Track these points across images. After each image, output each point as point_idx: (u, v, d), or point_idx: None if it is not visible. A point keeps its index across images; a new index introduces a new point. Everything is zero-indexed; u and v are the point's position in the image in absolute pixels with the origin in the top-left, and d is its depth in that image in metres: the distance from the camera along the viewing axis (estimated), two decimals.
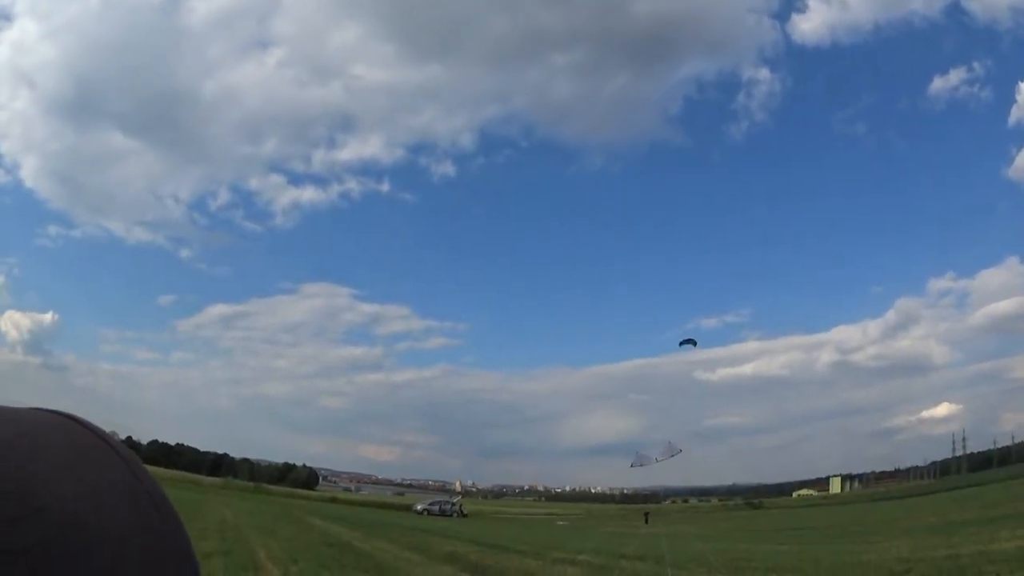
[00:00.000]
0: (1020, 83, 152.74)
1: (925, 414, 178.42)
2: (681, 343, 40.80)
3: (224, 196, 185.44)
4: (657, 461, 32.10)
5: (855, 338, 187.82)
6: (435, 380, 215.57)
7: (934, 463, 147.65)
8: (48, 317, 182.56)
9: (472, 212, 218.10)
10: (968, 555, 22.40)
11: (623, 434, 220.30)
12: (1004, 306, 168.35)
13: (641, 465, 33.03)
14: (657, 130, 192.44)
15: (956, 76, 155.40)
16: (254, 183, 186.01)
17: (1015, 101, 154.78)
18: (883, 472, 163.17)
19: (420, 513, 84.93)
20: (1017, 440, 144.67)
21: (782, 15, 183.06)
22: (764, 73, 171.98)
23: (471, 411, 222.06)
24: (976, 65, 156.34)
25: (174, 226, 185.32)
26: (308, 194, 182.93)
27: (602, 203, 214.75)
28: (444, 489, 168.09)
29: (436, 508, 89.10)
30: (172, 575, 0.80)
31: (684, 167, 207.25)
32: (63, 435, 0.83)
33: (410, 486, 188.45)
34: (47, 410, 0.88)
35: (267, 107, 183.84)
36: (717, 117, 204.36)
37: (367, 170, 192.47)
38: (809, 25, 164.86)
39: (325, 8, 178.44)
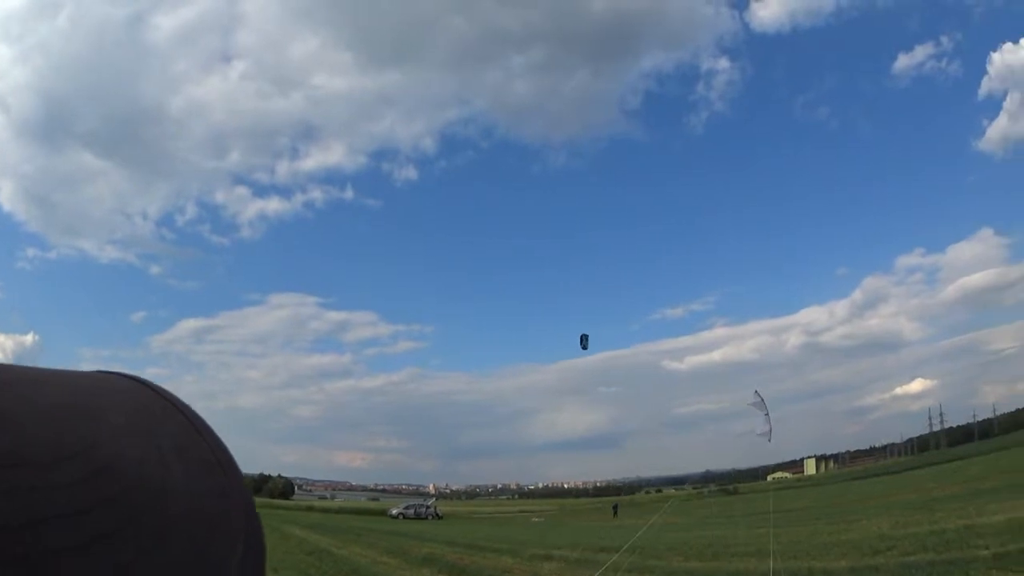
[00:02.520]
0: (992, 54, 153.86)
1: (899, 391, 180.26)
2: (583, 344, 41.17)
3: (191, 211, 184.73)
4: (765, 415, 31.26)
5: (822, 319, 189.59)
6: (404, 384, 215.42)
7: (911, 440, 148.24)
8: (29, 338, 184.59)
9: (435, 215, 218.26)
10: (954, 530, 22.36)
11: (593, 427, 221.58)
12: (978, 279, 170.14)
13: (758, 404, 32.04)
14: (617, 125, 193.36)
15: (923, 52, 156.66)
16: (220, 196, 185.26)
17: (986, 72, 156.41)
18: (858, 451, 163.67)
19: (396, 517, 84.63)
20: (999, 412, 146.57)
21: (740, 4, 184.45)
22: (723, 63, 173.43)
23: (441, 413, 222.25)
24: (944, 40, 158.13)
25: (144, 243, 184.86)
26: (273, 205, 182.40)
27: (565, 200, 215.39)
28: (418, 492, 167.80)
29: (411, 511, 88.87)
30: (236, 534, 0.81)
31: (645, 160, 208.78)
32: (128, 397, 0.84)
33: (384, 491, 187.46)
34: (112, 372, 0.89)
35: (231, 120, 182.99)
36: (677, 109, 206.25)
37: (330, 178, 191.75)
38: (768, 12, 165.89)
39: (285, 20, 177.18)
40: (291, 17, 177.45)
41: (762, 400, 30.92)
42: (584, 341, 45.53)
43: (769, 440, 30.85)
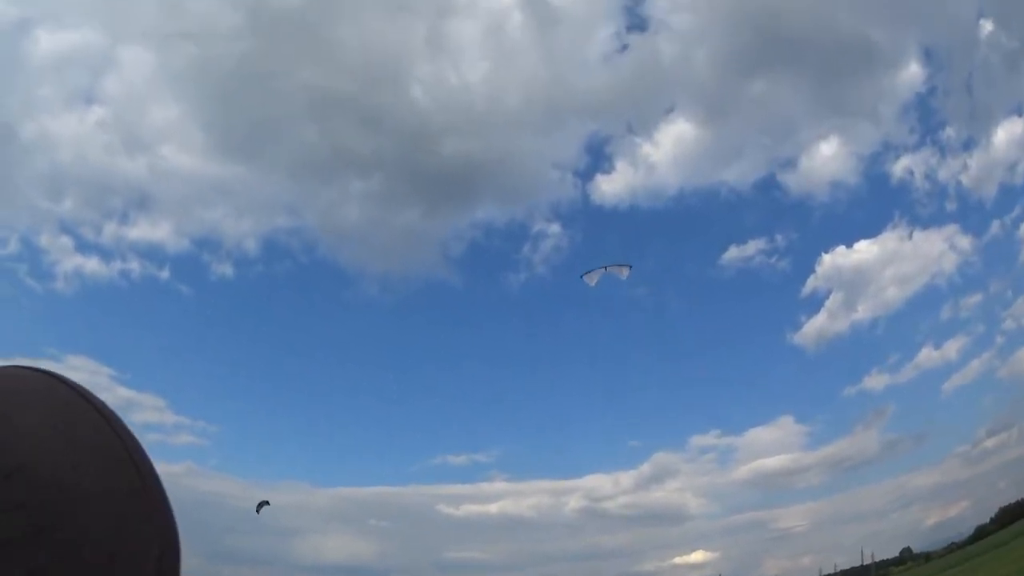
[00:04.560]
0: (823, 254, 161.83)
1: (679, 560, 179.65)
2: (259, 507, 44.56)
3: (14, 246, 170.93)
4: (606, 269, 33.32)
5: (606, 487, 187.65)
6: (180, 477, 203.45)
7: None
8: None
9: (243, 317, 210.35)
10: None
11: (358, 557, 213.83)
12: (772, 462, 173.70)
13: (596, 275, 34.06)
14: (436, 269, 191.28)
15: (754, 246, 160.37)
16: (44, 240, 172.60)
17: (814, 271, 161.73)
18: None
19: None
20: None
21: (586, 174, 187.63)
22: (555, 228, 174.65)
23: (211, 513, 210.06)
24: (779, 237, 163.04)
25: None
26: (92, 264, 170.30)
27: (370, 331, 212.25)
28: None
29: None
30: (152, 536, 0.79)
31: (455, 308, 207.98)
32: (40, 393, 0.82)
33: None
34: (26, 367, 0.88)
35: (75, 165, 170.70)
36: (498, 264, 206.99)
37: (152, 254, 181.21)
38: (611, 187, 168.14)
39: (155, 78, 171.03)
40: (161, 77, 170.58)
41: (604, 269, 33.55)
42: (259, 507, 48.77)
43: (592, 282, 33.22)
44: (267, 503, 50.38)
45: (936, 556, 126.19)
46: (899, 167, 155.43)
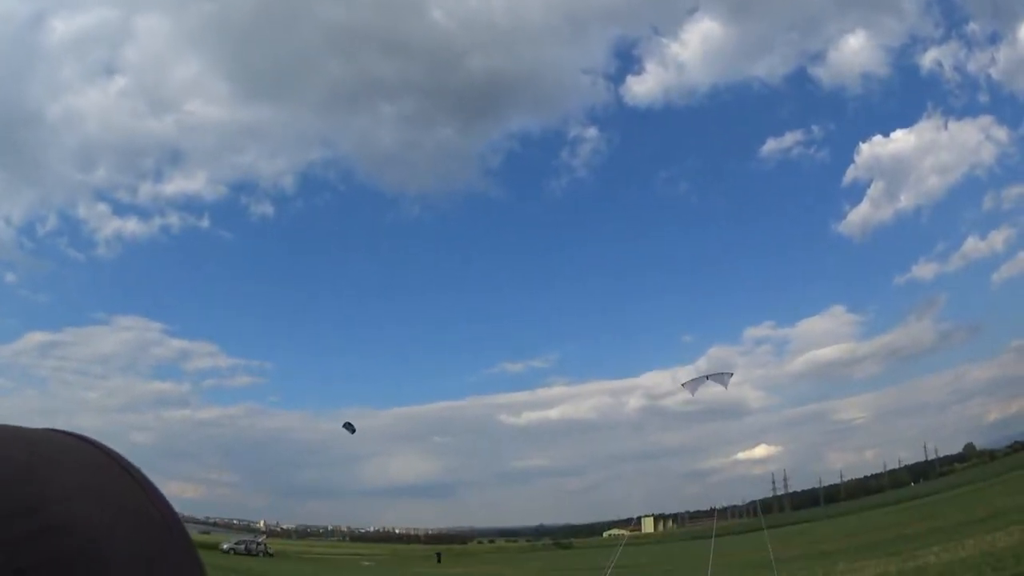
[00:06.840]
0: (860, 144, 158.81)
1: (741, 455, 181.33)
2: (346, 426, 44.47)
3: (52, 222, 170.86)
4: (708, 378, 33.63)
5: (665, 384, 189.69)
6: (240, 418, 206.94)
7: (754, 502, 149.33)
8: None
9: (286, 253, 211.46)
10: None
11: (426, 475, 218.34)
12: (827, 352, 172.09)
13: (694, 389, 34.42)
14: (475, 183, 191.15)
15: (792, 138, 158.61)
16: (81, 211, 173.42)
17: (853, 161, 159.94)
18: (698, 511, 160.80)
19: (227, 552, 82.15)
20: (846, 478, 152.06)
21: (617, 77, 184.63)
22: (591, 132, 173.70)
23: (275, 450, 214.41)
24: (815, 128, 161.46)
25: (3, 249, 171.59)
26: (131, 226, 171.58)
27: (415, 250, 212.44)
28: (249, 528, 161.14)
29: (242, 547, 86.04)
30: None
31: (499, 219, 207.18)
32: (78, 456, 0.83)
33: (215, 524, 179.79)
34: (62, 431, 0.89)
35: (103, 135, 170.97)
36: (537, 172, 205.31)
37: (189, 205, 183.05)
38: (643, 87, 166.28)
39: (172, 40, 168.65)
40: (178, 38, 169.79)
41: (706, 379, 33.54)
42: (349, 427, 48.64)
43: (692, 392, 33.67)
44: (352, 428, 49.69)
45: (1000, 455, 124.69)
46: (927, 59, 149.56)
